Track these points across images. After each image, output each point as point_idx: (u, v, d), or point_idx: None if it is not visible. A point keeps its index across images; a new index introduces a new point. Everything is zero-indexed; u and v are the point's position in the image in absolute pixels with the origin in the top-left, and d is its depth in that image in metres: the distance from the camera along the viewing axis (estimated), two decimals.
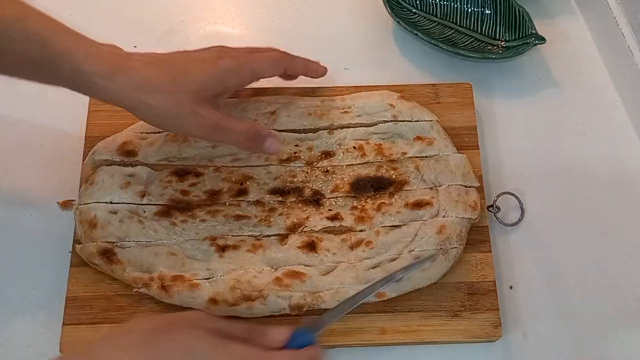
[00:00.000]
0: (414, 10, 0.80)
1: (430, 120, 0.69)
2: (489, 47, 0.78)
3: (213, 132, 0.59)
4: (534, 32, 0.75)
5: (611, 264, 0.68)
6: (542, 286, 0.66)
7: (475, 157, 0.69)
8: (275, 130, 0.68)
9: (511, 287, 0.66)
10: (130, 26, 0.79)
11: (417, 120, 0.69)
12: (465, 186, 0.66)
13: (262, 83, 0.71)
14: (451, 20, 0.80)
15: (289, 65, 0.65)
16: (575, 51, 0.80)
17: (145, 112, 0.56)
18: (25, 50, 0.52)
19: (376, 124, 0.69)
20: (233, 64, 0.59)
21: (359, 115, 0.70)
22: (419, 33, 0.75)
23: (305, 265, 0.63)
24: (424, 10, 0.80)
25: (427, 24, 0.80)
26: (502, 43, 0.78)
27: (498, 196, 0.68)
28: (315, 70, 0.67)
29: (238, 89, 0.67)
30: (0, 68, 0.54)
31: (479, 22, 0.80)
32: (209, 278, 0.62)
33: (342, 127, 0.69)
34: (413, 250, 0.63)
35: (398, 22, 0.76)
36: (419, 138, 0.68)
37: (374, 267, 0.62)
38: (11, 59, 0.53)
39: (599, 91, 0.78)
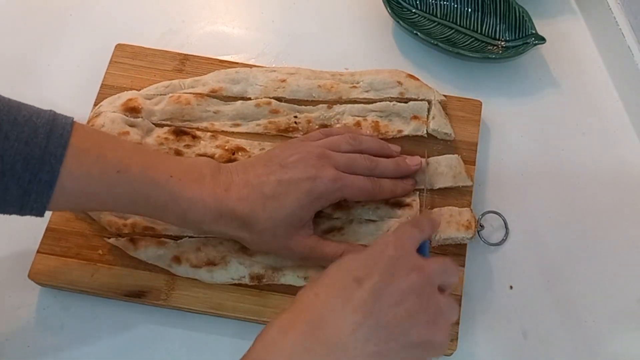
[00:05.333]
0: (414, 10, 0.80)
1: (432, 99, 0.69)
2: (489, 47, 0.78)
3: (305, 260, 0.62)
4: (534, 32, 0.75)
5: (611, 264, 0.68)
6: (542, 286, 0.66)
7: (469, 173, 0.67)
8: (283, 97, 0.69)
9: (511, 287, 0.66)
10: (130, 26, 0.79)
11: (424, 99, 0.70)
12: (457, 204, 0.65)
13: (273, 64, 0.73)
14: (451, 20, 0.80)
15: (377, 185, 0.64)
16: (575, 51, 0.80)
17: (245, 242, 0.60)
18: (130, 202, 0.54)
19: (383, 100, 0.70)
20: (325, 188, 0.58)
21: (367, 91, 0.70)
22: (419, 33, 0.75)
23: None
24: (424, 10, 0.80)
25: (427, 24, 0.80)
26: (502, 43, 0.78)
27: (483, 215, 0.67)
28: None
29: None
30: (110, 208, 0.57)
31: (479, 22, 0.80)
32: (179, 236, 0.62)
33: (349, 102, 0.70)
34: None
35: (398, 22, 0.76)
36: (415, 117, 0.69)
37: None
38: (118, 206, 0.55)
39: (599, 91, 0.77)
